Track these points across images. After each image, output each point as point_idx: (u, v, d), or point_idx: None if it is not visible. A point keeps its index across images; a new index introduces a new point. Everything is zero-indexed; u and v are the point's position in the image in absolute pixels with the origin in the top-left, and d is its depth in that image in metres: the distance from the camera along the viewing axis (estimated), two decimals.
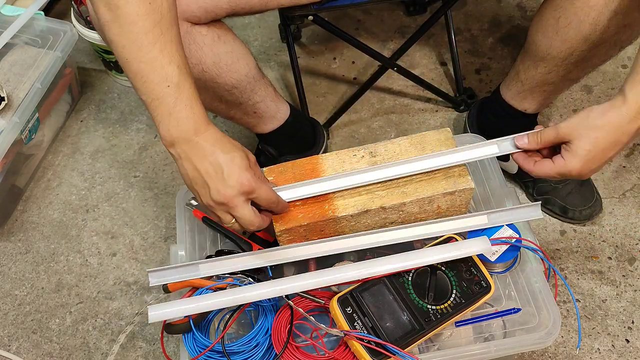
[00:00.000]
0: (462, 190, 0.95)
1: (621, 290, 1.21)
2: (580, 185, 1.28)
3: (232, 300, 0.89)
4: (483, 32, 1.65)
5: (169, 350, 1.16)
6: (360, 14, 1.71)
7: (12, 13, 1.44)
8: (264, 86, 1.18)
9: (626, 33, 1.01)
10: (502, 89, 1.27)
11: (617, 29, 0.99)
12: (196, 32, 1.01)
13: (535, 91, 1.20)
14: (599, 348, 1.15)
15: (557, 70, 1.12)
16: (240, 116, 1.21)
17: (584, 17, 1.00)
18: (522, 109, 1.25)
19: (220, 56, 1.05)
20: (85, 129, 1.56)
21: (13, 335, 1.24)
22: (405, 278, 0.90)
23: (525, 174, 1.31)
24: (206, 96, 1.10)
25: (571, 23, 1.03)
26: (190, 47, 1.01)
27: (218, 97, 1.12)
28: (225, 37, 1.06)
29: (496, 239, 0.92)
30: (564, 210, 1.28)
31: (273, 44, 1.68)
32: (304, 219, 0.93)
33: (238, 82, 1.10)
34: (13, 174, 1.39)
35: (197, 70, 1.03)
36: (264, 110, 1.21)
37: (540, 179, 1.29)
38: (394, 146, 1.00)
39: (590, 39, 1.02)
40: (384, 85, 1.56)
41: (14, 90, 1.34)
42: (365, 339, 0.83)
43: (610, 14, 0.97)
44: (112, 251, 1.34)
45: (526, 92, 1.22)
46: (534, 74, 1.16)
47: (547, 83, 1.16)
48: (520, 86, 1.22)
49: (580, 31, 1.02)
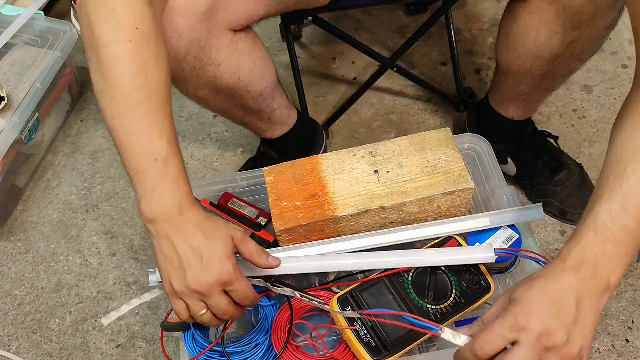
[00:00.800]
0: (462, 190, 0.95)
1: (621, 290, 1.21)
2: (579, 187, 1.28)
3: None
4: (483, 32, 1.65)
5: (169, 350, 1.16)
6: (360, 14, 1.71)
7: (12, 13, 1.44)
8: (281, 93, 1.18)
9: (577, 48, 1.01)
10: (489, 97, 1.29)
11: (564, 46, 1.00)
12: (239, 39, 1.00)
13: (514, 101, 1.22)
14: (599, 348, 1.15)
15: (527, 83, 1.13)
16: (254, 122, 1.20)
17: (525, 36, 1.02)
18: (509, 117, 1.26)
19: (255, 63, 1.04)
20: (85, 129, 1.56)
21: (13, 335, 1.24)
22: (405, 278, 0.90)
23: (524, 176, 1.31)
24: (229, 104, 1.10)
25: (517, 41, 1.05)
26: (232, 57, 1.00)
27: (240, 105, 1.11)
28: (259, 42, 1.06)
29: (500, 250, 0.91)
30: (563, 212, 1.28)
31: (273, 44, 1.68)
32: (304, 219, 0.93)
33: (265, 89, 1.10)
34: (13, 174, 1.39)
35: (234, 80, 1.03)
36: (279, 117, 1.21)
37: (540, 182, 1.29)
38: (394, 146, 1.00)
39: (541, 55, 1.03)
40: (384, 85, 1.56)
41: (14, 90, 1.34)
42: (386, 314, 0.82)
43: (548, 33, 0.99)
44: (112, 251, 1.34)
45: (507, 102, 1.24)
46: (507, 86, 1.19)
47: (522, 94, 1.18)
48: (500, 96, 1.24)
49: (527, 49, 1.04)
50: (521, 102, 1.21)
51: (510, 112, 1.25)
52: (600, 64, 1.55)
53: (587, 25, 0.95)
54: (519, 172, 1.32)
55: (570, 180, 1.28)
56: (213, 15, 0.92)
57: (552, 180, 1.28)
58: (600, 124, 1.45)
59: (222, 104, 1.10)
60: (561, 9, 0.95)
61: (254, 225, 1.06)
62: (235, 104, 1.11)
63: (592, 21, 0.94)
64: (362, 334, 0.85)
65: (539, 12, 0.98)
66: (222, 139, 1.51)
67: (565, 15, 0.95)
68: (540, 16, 0.98)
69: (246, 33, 1.02)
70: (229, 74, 1.01)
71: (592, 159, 1.39)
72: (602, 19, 0.95)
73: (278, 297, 0.95)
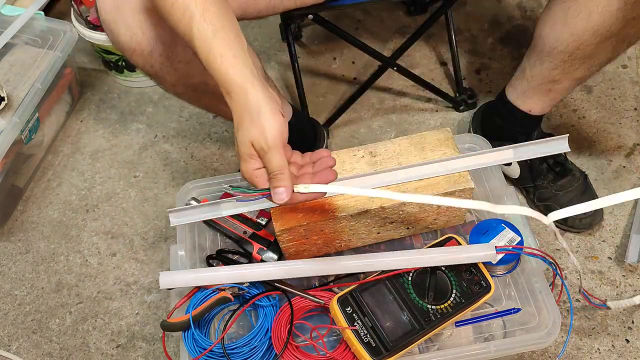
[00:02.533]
0: (462, 190, 0.95)
1: (621, 290, 1.21)
2: (582, 194, 1.28)
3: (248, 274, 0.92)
4: (483, 32, 1.65)
5: (169, 350, 1.16)
6: (360, 13, 1.71)
7: (12, 13, 1.44)
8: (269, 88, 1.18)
9: (635, 27, 1.00)
10: (508, 89, 1.27)
11: (625, 22, 0.99)
12: None
13: (540, 90, 1.20)
14: (599, 348, 1.15)
15: (563, 66, 1.12)
16: None
17: (593, 8, 1.00)
18: (526, 110, 1.24)
19: None
20: (85, 129, 1.56)
21: (13, 335, 1.24)
22: (405, 278, 0.90)
23: (526, 179, 1.31)
24: (210, 100, 1.10)
25: (580, 14, 1.02)
26: None
27: (223, 101, 1.11)
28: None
29: (501, 247, 0.91)
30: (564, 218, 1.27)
31: (273, 44, 1.68)
32: (304, 219, 0.93)
33: None
34: (13, 174, 1.39)
35: (206, 76, 1.02)
36: None
37: (542, 185, 1.29)
38: (394, 146, 1.00)
39: (598, 31, 1.02)
40: (384, 85, 1.56)
41: (14, 90, 1.34)
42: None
43: (619, 4, 0.97)
44: (112, 251, 1.34)
45: (531, 90, 1.21)
46: (540, 70, 1.16)
47: (552, 80, 1.16)
48: (525, 84, 1.22)
49: (589, 22, 1.02)
50: (546, 92, 1.19)
51: (529, 104, 1.23)
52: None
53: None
54: (522, 174, 1.31)
55: (573, 186, 1.28)
56: None
57: (555, 184, 1.28)
58: (600, 124, 1.45)
59: (202, 100, 1.10)
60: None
61: (254, 224, 1.06)
62: (217, 100, 1.09)
63: None
64: (362, 334, 0.85)
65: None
66: (222, 139, 1.51)
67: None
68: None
69: None
70: (199, 70, 0.96)
71: (592, 159, 1.39)
72: None
73: (278, 297, 0.95)
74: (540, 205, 1.30)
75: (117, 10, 0.91)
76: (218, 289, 0.93)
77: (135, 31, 0.92)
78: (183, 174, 1.45)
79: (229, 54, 0.78)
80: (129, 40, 0.94)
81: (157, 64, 0.98)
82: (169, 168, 1.46)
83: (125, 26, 0.92)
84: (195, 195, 1.08)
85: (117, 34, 0.94)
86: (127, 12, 0.91)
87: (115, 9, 0.92)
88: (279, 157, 0.75)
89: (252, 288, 0.94)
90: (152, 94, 1.61)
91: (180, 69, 1.00)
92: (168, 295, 0.96)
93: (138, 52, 0.95)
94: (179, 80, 1.03)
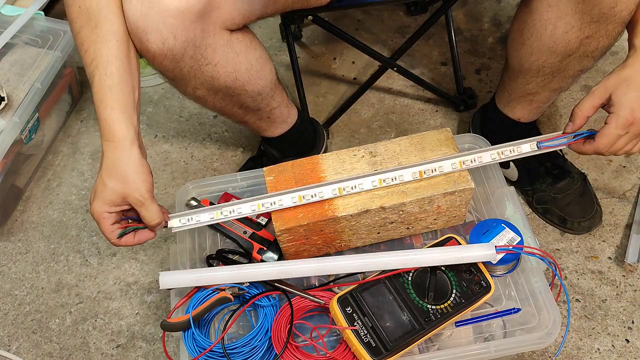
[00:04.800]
0: (462, 190, 0.95)
1: (621, 290, 1.21)
2: (580, 196, 1.28)
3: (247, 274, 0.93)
4: (483, 32, 1.65)
5: (169, 350, 1.16)
6: (360, 14, 1.71)
7: (12, 13, 1.44)
8: (280, 92, 1.18)
9: (591, 44, 1.01)
10: (496, 98, 1.29)
11: (579, 41, 1.00)
12: (235, 39, 1.01)
13: (522, 101, 1.21)
14: (599, 348, 1.15)
15: (536, 82, 1.13)
16: (253, 121, 1.20)
17: (542, 30, 1.02)
18: (515, 118, 1.26)
19: (252, 62, 1.05)
20: (85, 129, 1.56)
21: (13, 335, 1.24)
22: (405, 278, 0.90)
23: (525, 181, 1.31)
24: (227, 103, 1.10)
25: (532, 35, 1.05)
26: (228, 56, 1.00)
27: (239, 104, 1.12)
28: (256, 42, 1.06)
29: (501, 247, 0.91)
30: (563, 220, 1.28)
31: (273, 44, 1.68)
32: (304, 219, 0.94)
33: (263, 89, 1.10)
34: (13, 174, 1.39)
35: (231, 79, 1.03)
36: (278, 115, 1.21)
37: (540, 188, 1.28)
38: (394, 146, 1.00)
39: (555, 50, 1.03)
40: (384, 85, 1.56)
41: (14, 90, 1.34)
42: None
43: (565, 27, 0.99)
44: (112, 251, 1.34)
45: (514, 102, 1.23)
46: (516, 85, 1.18)
47: (530, 93, 1.17)
48: (507, 96, 1.24)
49: (542, 43, 1.04)
50: (528, 102, 1.21)
51: (516, 113, 1.25)
52: (600, 63, 1.53)
53: (605, 18, 0.95)
54: (520, 177, 1.31)
55: (572, 188, 1.27)
56: (207, 15, 0.92)
57: (553, 187, 1.28)
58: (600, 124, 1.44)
59: (221, 103, 1.10)
60: (580, 1, 0.94)
61: (254, 224, 1.06)
62: (233, 103, 1.11)
63: (610, 13, 0.94)
64: (362, 334, 0.85)
65: (557, 4, 0.97)
66: (222, 139, 1.51)
67: (584, 7, 0.94)
68: (559, 9, 0.97)
69: (243, 33, 1.03)
70: (225, 73, 1.01)
71: (592, 159, 1.39)
72: (620, 12, 0.94)
73: (278, 297, 0.95)
74: (540, 207, 1.30)
75: (146, 17, 0.89)
76: (218, 289, 0.93)
77: (167, 36, 0.90)
78: (183, 174, 1.45)
79: (118, 109, 0.89)
80: (161, 47, 0.92)
81: (187, 67, 0.97)
82: (169, 168, 1.46)
83: (156, 32, 0.90)
84: (195, 195, 1.08)
85: (147, 42, 0.91)
86: (156, 18, 0.89)
87: (144, 15, 0.89)
88: (154, 206, 0.91)
89: (252, 288, 0.94)
90: (152, 94, 1.61)
91: (207, 72, 1.00)
92: (168, 295, 0.96)
93: (169, 57, 0.93)
94: (203, 83, 1.02)
